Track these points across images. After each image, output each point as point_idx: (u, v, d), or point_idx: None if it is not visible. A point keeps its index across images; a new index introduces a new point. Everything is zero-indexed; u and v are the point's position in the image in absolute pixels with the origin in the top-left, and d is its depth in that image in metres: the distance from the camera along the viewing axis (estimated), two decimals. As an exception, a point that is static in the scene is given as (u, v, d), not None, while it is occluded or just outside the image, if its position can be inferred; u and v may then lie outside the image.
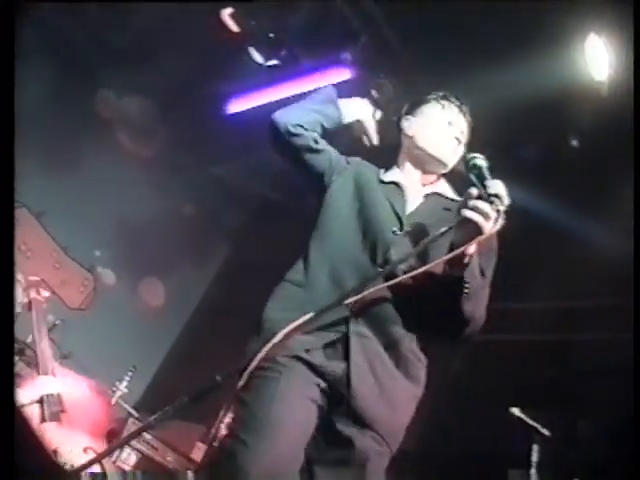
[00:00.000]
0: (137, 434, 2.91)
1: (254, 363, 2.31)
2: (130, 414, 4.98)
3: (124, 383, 5.02)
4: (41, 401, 3.81)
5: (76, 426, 3.72)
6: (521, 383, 5.78)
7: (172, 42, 6.69)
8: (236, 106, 7.28)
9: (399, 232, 2.68)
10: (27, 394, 3.89)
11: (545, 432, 4.39)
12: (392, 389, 2.54)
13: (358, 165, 3.02)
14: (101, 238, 7.58)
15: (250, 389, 2.42)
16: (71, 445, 3.61)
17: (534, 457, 4.33)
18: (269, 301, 2.70)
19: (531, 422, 4.42)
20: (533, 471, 4.29)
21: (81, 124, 7.22)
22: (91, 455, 3.53)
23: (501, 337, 5.56)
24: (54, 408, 3.78)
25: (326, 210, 2.86)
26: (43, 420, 3.72)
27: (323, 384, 2.49)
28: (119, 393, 4.91)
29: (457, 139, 2.95)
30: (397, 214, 2.74)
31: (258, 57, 6.52)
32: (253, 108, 7.08)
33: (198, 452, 5.38)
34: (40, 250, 7.42)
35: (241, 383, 2.37)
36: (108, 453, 2.96)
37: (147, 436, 4.81)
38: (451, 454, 5.81)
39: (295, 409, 2.41)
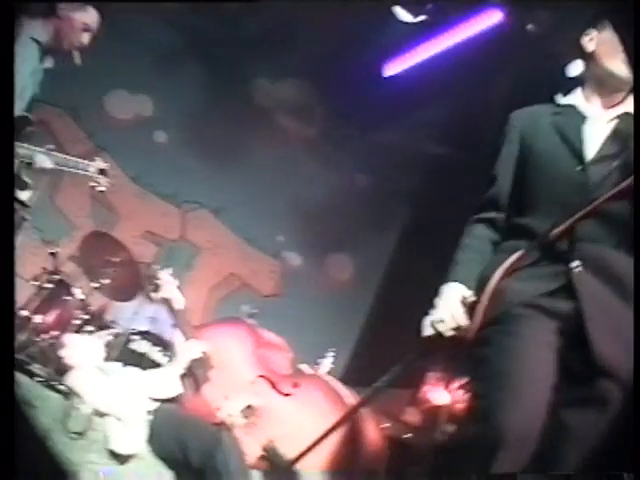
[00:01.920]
0: (361, 405, 2.89)
1: (478, 316, 2.23)
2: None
3: (329, 359, 5.06)
4: (189, 370, 3.94)
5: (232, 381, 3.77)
6: None
7: (312, 19, 6.69)
8: (391, 69, 7.18)
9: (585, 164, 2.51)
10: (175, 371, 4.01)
11: None
12: (624, 322, 2.38)
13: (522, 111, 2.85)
14: (281, 223, 7.72)
15: (489, 345, 2.35)
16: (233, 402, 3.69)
17: None
18: None
19: None
20: None
21: (241, 117, 7.38)
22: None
23: None
24: (200, 371, 3.85)
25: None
26: (197, 388, 3.82)
27: (559, 327, 2.38)
28: (325, 368, 4.94)
29: None
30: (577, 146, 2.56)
31: (405, 15, 6.36)
32: (409, 68, 6.96)
33: (410, 416, 5.37)
34: (225, 245, 7.69)
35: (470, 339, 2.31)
36: (337, 426, 2.94)
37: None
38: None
39: (539, 359, 2.33)
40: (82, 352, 4.27)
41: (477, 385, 2.42)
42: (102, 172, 3.87)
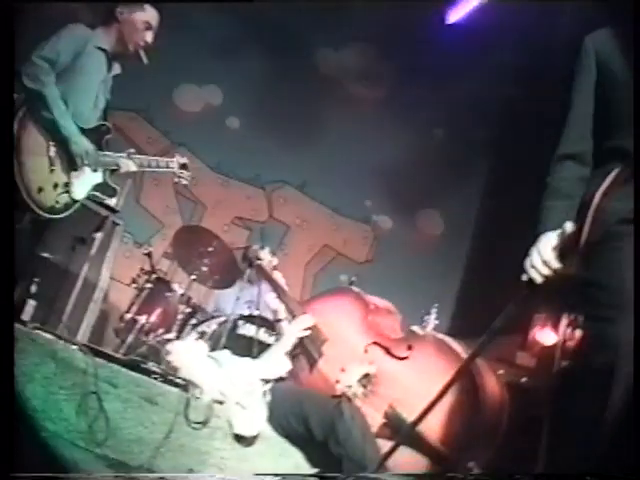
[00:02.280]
0: (475, 356, 2.85)
1: (584, 236, 2.21)
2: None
3: (432, 315, 5.02)
4: (302, 347, 3.95)
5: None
6: None
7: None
8: (454, 15, 7.05)
9: None
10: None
11: None
12: None
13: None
14: (366, 188, 7.71)
15: (596, 267, 2.32)
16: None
17: None
18: None
19: None
20: None
21: (310, 90, 7.39)
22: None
23: None
24: (313, 346, 3.86)
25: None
26: (312, 364, 3.83)
27: None
28: (432, 325, 4.91)
29: None
30: None
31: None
32: (471, 11, 6.82)
33: (523, 360, 5.32)
34: (314, 219, 7.72)
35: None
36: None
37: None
38: None
39: None
40: (192, 344, 4.35)
41: (588, 311, 2.36)
42: (183, 166, 3.93)
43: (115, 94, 3.76)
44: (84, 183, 3.36)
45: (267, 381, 3.92)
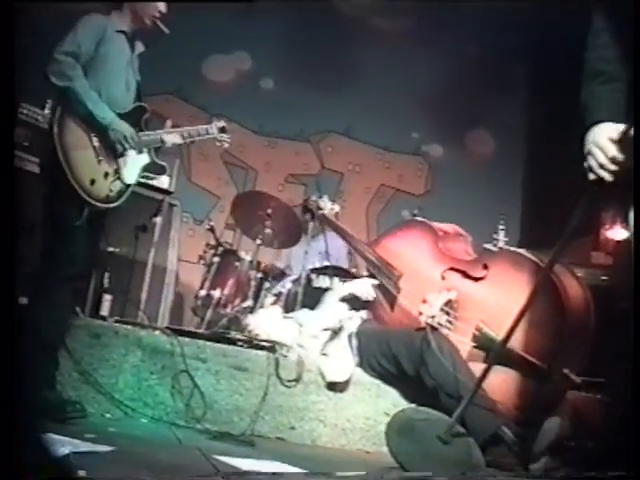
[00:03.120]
0: (552, 264, 2.81)
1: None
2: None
3: (501, 232, 4.97)
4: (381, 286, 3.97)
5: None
6: None
7: None
8: None
9: None
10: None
11: None
12: None
13: None
14: (410, 120, 7.65)
15: None
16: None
17: None
18: None
19: None
20: None
21: (335, 34, 7.31)
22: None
23: None
24: (390, 283, 3.89)
25: None
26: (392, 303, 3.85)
27: None
28: (502, 242, 4.86)
29: None
30: None
31: None
32: None
33: (599, 259, 5.28)
34: (366, 161, 7.69)
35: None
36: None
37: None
38: None
39: None
40: (266, 314, 4.39)
41: None
42: (222, 130, 3.91)
43: (146, 79, 3.75)
44: (133, 166, 3.38)
45: (339, 325, 3.95)
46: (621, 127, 2.24)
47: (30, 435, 1.96)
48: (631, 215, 2.34)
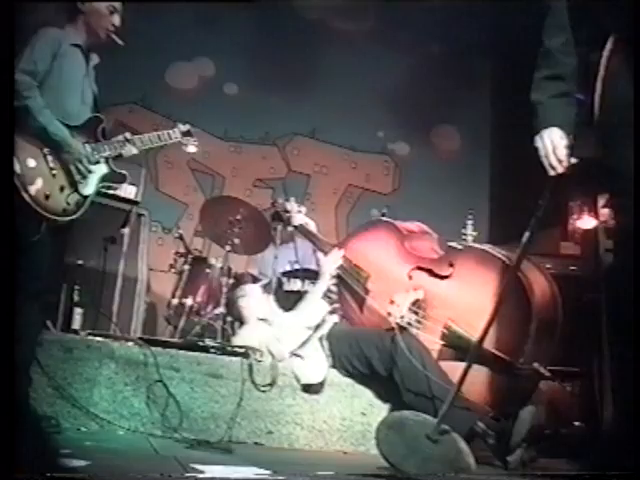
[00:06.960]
0: (521, 259, 2.83)
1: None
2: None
3: (469, 228, 4.99)
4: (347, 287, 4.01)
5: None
6: None
7: None
8: None
9: None
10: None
11: None
12: None
13: None
14: (375, 119, 7.68)
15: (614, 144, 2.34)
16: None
17: None
18: None
19: None
20: None
21: (299, 37, 7.35)
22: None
23: None
24: (358, 284, 3.93)
25: None
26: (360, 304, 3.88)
27: None
28: (470, 238, 4.89)
29: None
30: None
31: None
32: None
33: (568, 250, 5.34)
34: (332, 162, 7.72)
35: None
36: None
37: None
38: None
39: None
40: (246, 310, 4.39)
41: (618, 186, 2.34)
42: (188, 133, 3.89)
43: (108, 90, 3.74)
44: (90, 177, 3.36)
45: (314, 327, 3.96)
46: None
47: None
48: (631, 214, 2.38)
